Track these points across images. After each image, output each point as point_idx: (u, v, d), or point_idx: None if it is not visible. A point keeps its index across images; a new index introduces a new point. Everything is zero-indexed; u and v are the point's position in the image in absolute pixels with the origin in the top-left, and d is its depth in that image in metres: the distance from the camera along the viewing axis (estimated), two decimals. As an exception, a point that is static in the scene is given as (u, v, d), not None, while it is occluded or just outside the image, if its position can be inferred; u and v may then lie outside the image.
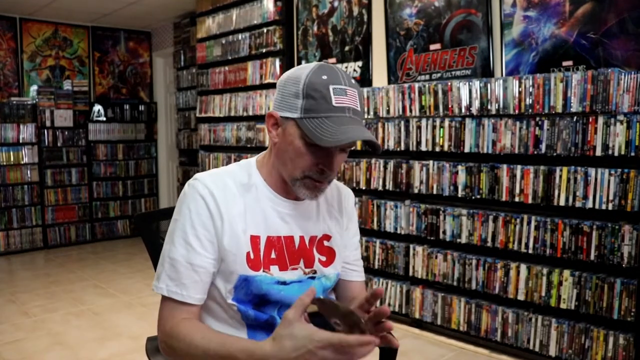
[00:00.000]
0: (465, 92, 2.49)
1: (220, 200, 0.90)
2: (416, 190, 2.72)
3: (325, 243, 1.02)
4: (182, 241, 0.90)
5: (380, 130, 2.86)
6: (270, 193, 0.95)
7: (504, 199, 2.37)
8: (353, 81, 0.90)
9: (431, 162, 2.65)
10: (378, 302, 1.17)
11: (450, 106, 2.56)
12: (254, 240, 0.92)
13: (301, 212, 0.98)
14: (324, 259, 1.01)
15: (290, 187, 0.94)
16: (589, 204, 2.11)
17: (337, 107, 0.85)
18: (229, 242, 0.89)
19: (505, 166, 2.36)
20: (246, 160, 1.00)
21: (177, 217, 0.92)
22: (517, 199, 2.33)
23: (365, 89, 2.95)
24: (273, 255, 0.94)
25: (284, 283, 0.94)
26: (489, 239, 2.43)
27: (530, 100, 2.27)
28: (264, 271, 0.92)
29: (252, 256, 0.91)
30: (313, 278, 0.99)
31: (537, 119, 2.24)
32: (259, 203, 0.94)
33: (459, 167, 2.53)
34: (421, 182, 2.69)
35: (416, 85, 2.70)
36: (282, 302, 0.94)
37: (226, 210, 0.90)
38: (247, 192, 0.93)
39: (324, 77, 0.86)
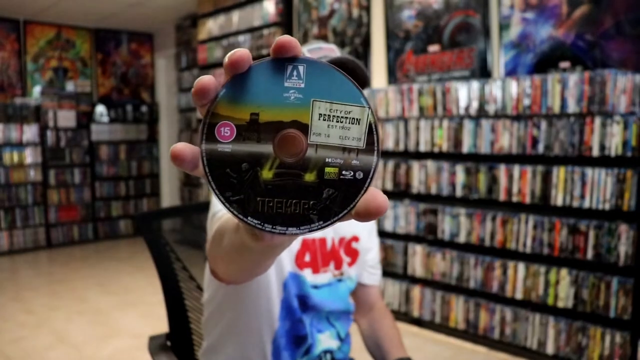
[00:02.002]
0: (464, 93, 2.52)
1: None
2: (415, 190, 2.74)
3: (353, 244, 1.01)
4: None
5: (379, 130, 2.88)
6: None
7: (502, 198, 2.39)
8: (333, 46, 0.91)
9: (430, 162, 2.67)
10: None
11: (448, 107, 2.58)
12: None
13: None
14: (349, 260, 1.00)
15: None
16: (586, 204, 2.13)
17: None
18: None
19: (503, 166, 2.39)
20: None
21: (214, 199, 0.85)
22: (515, 199, 2.35)
23: (365, 90, 2.97)
24: (307, 258, 0.93)
25: (315, 287, 0.93)
26: (487, 239, 2.45)
27: (528, 101, 2.29)
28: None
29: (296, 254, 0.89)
30: (340, 280, 0.98)
31: (535, 119, 2.27)
32: None
33: (458, 167, 2.55)
34: (420, 182, 2.72)
35: (415, 86, 2.72)
36: (316, 308, 0.93)
37: None
38: None
39: (306, 49, 0.89)
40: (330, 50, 0.89)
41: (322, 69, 0.35)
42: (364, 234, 1.03)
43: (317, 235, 0.94)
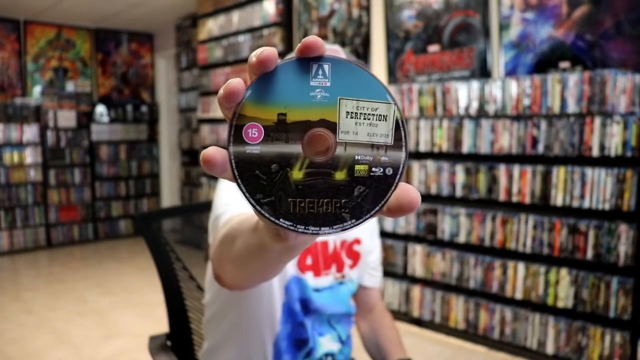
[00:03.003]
0: (464, 93, 2.52)
1: None
2: (415, 190, 2.74)
3: (355, 247, 1.01)
4: (223, 205, 0.82)
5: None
6: None
7: (501, 198, 2.40)
8: (337, 47, 0.87)
9: (430, 162, 2.67)
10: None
11: (448, 107, 2.58)
12: None
13: None
14: (350, 262, 1.00)
15: None
16: (586, 204, 2.13)
17: None
18: None
19: (503, 166, 2.39)
20: None
21: (216, 199, 0.86)
22: (514, 199, 2.35)
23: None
24: (309, 261, 0.92)
25: (317, 290, 0.93)
26: (487, 239, 2.45)
27: (528, 101, 2.29)
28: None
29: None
30: (341, 283, 0.98)
31: (535, 119, 2.27)
32: None
33: (457, 167, 2.55)
34: (420, 182, 2.72)
35: (415, 86, 2.72)
36: (318, 311, 0.92)
37: None
38: None
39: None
40: (335, 52, 0.87)
41: (348, 67, 0.35)
42: (366, 237, 1.02)
43: (319, 238, 0.93)
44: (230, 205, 0.81)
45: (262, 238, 0.43)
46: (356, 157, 0.36)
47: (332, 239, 0.96)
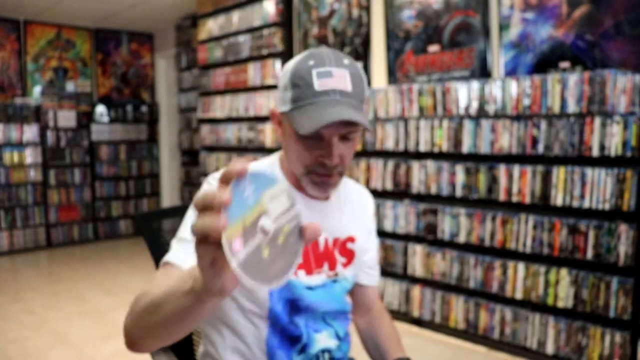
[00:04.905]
0: (464, 93, 2.52)
1: None
2: (415, 190, 2.74)
3: (349, 245, 0.99)
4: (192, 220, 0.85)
5: (379, 130, 2.89)
6: (295, 192, 0.90)
7: (501, 198, 2.40)
8: (347, 61, 0.82)
9: (430, 162, 2.67)
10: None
11: (448, 107, 2.58)
12: None
13: (326, 212, 0.94)
14: (344, 260, 0.98)
15: None
16: (586, 204, 2.13)
17: (320, 92, 0.79)
18: None
19: (503, 166, 2.39)
20: (274, 156, 0.96)
21: (191, 209, 0.88)
22: (514, 199, 2.35)
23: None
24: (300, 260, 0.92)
25: (310, 288, 0.92)
26: (487, 239, 2.45)
27: (528, 101, 2.29)
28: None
29: None
30: (335, 281, 0.97)
31: (535, 119, 2.27)
32: None
33: (457, 168, 2.55)
34: (420, 182, 2.72)
35: (415, 86, 2.72)
36: (310, 309, 0.92)
37: None
38: None
39: (310, 62, 0.81)
40: (342, 79, 0.81)
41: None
42: (361, 235, 1.01)
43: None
44: (182, 243, 0.83)
45: (199, 296, 0.52)
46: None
47: (323, 237, 0.94)
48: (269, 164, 0.95)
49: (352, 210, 1.01)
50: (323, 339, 0.95)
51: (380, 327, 1.09)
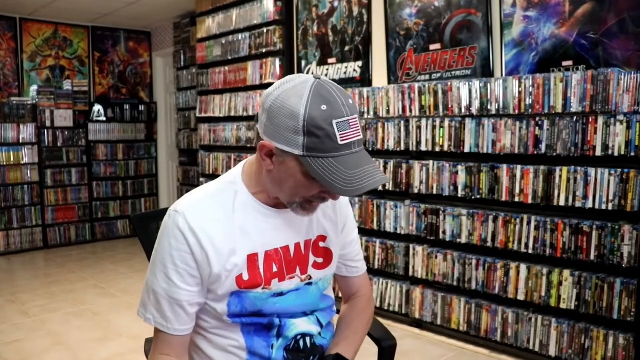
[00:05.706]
0: (465, 92, 2.49)
1: (201, 233, 0.86)
2: (416, 190, 2.72)
3: (321, 244, 1.01)
4: (164, 275, 0.89)
5: (380, 130, 2.86)
6: (261, 207, 0.93)
7: (504, 199, 2.37)
8: (350, 101, 0.83)
9: (431, 162, 2.65)
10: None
11: (450, 106, 2.56)
12: (252, 259, 0.91)
13: (294, 218, 0.96)
14: (320, 260, 1.00)
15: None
16: (589, 204, 2.11)
17: (343, 145, 0.80)
18: (218, 269, 0.87)
19: (505, 166, 2.36)
20: (232, 174, 0.96)
21: (158, 249, 0.90)
22: (517, 199, 2.33)
23: (365, 89, 2.95)
24: (275, 269, 0.93)
25: (280, 294, 0.94)
26: (489, 239, 2.43)
27: (530, 100, 2.27)
28: (264, 288, 0.92)
29: (246, 277, 0.90)
30: (310, 284, 0.99)
31: (537, 119, 2.24)
32: (250, 220, 0.91)
33: (459, 167, 2.53)
34: (421, 182, 2.69)
35: (416, 85, 2.70)
36: (278, 313, 0.94)
37: (209, 241, 0.86)
38: (235, 212, 0.90)
39: (324, 107, 0.79)
40: (356, 127, 0.82)
41: None
42: (331, 231, 1.03)
43: (279, 244, 0.94)
44: (173, 277, 0.88)
45: None
46: None
47: (294, 241, 0.97)
48: (229, 183, 0.95)
49: (322, 208, 1.01)
50: (302, 324, 0.97)
51: (351, 312, 1.10)
